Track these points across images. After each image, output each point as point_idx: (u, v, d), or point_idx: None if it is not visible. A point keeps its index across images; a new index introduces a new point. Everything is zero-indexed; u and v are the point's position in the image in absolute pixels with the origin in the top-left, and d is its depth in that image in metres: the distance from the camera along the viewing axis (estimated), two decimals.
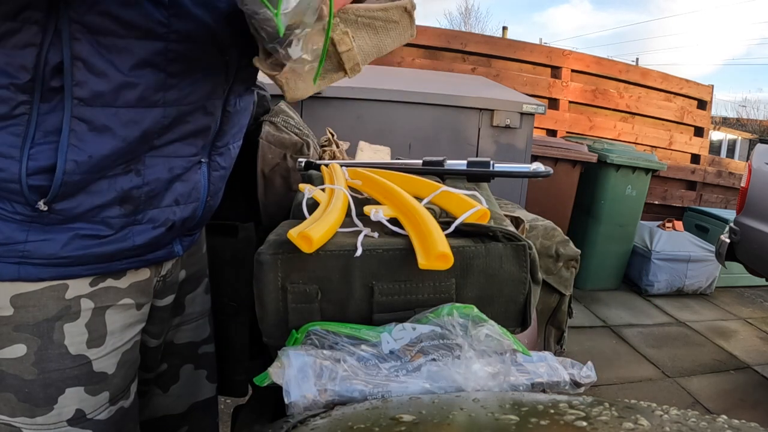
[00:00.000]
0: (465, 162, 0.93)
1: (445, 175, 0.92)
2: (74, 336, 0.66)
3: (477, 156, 2.61)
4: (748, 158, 3.38)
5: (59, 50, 0.55)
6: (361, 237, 0.60)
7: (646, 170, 3.79)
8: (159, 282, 0.78)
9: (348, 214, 0.68)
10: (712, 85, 5.21)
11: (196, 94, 0.65)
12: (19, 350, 0.63)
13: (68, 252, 0.63)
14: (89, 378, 0.68)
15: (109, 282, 0.69)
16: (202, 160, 0.71)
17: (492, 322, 0.54)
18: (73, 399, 0.66)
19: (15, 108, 0.56)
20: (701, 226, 4.36)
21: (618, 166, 3.67)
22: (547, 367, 0.53)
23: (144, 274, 0.73)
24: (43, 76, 0.56)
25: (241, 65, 0.70)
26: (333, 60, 0.65)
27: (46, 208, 0.59)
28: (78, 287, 0.66)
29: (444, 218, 0.68)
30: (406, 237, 0.62)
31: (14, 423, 0.65)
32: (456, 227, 0.64)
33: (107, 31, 0.57)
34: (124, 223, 0.65)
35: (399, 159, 1.10)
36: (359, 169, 0.84)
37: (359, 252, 0.58)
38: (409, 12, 0.70)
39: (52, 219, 0.61)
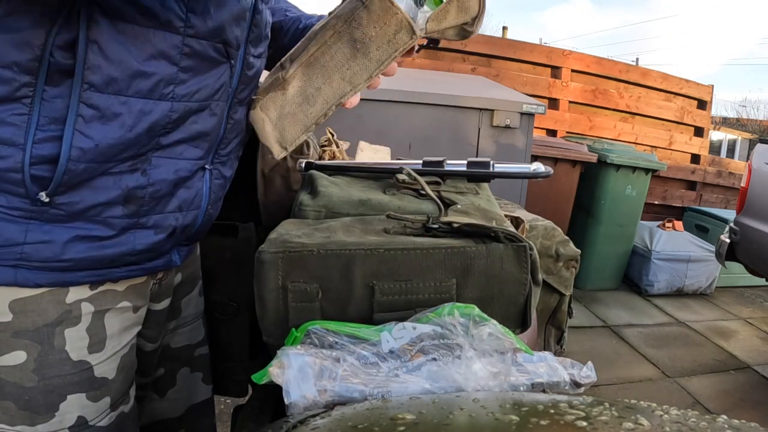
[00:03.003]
0: (465, 162, 0.93)
1: (445, 176, 0.92)
2: (75, 341, 0.65)
3: (477, 156, 2.61)
4: (748, 158, 3.38)
5: (72, 31, 0.54)
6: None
7: (646, 170, 3.79)
8: (155, 285, 0.77)
9: None
10: (712, 85, 5.21)
11: (203, 92, 0.65)
12: (18, 357, 0.62)
13: (68, 255, 0.61)
14: (90, 384, 0.67)
15: (108, 285, 0.68)
16: (206, 166, 0.71)
17: (494, 321, 0.54)
18: (74, 406, 0.66)
19: (17, 90, 0.54)
20: (701, 226, 4.36)
21: (618, 166, 3.67)
22: (547, 367, 0.53)
23: (141, 277, 0.73)
24: (51, 57, 0.54)
25: (244, 71, 0.71)
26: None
27: (47, 200, 0.57)
28: (78, 291, 0.65)
29: (440, 220, 0.68)
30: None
31: (13, 431, 0.64)
32: (457, 227, 0.64)
33: (127, 17, 0.56)
34: (125, 225, 0.64)
35: (399, 159, 1.10)
36: None
37: None
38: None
39: (52, 215, 0.59)
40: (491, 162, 0.92)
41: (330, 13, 0.72)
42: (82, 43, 0.54)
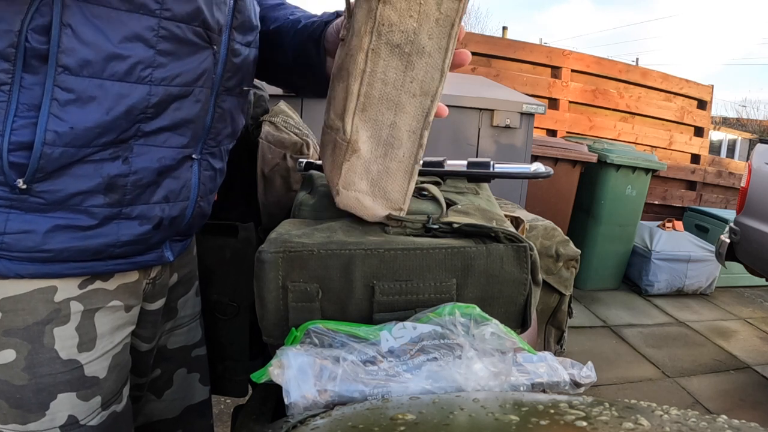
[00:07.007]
0: (465, 162, 0.93)
1: (445, 176, 0.92)
2: (65, 340, 0.65)
3: (477, 156, 2.61)
4: (748, 158, 3.38)
5: (47, 15, 0.54)
6: None
7: (646, 170, 3.79)
8: (148, 285, 0.77)
9: None
10: (712, 85, 5.22)
11: (184, 77, 0.64)
12: (8, 355, 0.62)
13: (49, 245, 0.60)
14: (81, 383, 0.67)
15: (98, 284, 0.68)
16: (194, 156, 0.70)
17: (496, 321, 0.54)
18: (65, 405, 0.65)
19: None
20: (701, 226, 4.36)
21: (618, 166, 3.67)
22: (547, 367, 0.53)
23: (132, 276, 0.72)
24: (27, 42, 0.54)
25: (229, 57, 0.70)
26: None
27: (25, 186, 0.57)
28: (67, 290, 0.65)
29: (440, 220, 0.68)
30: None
31: (6, 430, 0.64)
32: (457, 227, 0.64)
33: (100, 0, 0.56)
34: (108, 214, 0.63)
35: None
36: None
37: None
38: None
39: (32, 204, 0.59)
40: (491, 162, 0.92)
41: (341, 40, 0.64)
42: (56, 26, 0.54)
